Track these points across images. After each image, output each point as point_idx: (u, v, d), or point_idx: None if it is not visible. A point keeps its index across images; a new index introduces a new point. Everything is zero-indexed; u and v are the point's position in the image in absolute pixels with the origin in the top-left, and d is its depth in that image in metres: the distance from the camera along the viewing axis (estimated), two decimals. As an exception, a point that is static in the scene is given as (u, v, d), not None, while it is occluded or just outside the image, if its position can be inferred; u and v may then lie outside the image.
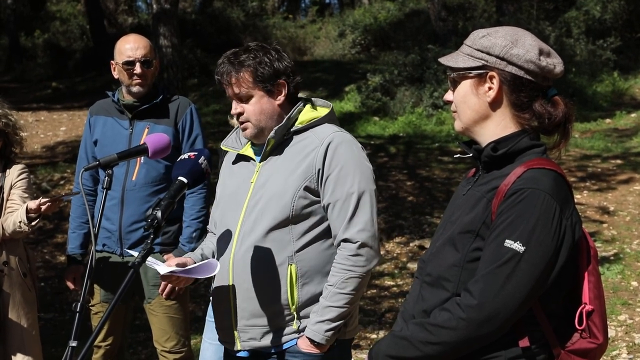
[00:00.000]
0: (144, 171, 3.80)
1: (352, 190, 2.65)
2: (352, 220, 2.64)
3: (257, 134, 2.75)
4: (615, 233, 7.62)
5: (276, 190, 2.67)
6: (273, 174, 2.71)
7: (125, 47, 3.84)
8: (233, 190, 2.80)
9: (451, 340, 1.94)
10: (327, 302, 2.63)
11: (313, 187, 2.67)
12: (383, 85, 13.36)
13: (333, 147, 2.66)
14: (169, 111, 3.87)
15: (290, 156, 2.72)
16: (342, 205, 2.64)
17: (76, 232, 4.02)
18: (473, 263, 1.98)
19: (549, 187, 1.93)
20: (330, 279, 2.65)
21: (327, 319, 2.63)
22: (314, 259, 2.68)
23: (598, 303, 2.01)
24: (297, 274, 2.66)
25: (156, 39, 11.14)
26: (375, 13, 20.52)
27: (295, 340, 2.69)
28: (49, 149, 11.59)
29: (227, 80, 2.71)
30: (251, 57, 2.68)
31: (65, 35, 22.34)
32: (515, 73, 2.02)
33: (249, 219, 2.69)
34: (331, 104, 2.88)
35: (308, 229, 2.68)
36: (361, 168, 2.69)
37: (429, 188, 9.38)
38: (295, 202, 2.65)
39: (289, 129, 2.74)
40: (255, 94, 2.71)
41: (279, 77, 2.71)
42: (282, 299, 2.67)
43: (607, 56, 14.38)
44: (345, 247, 2.65)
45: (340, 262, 2.64)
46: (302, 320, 2.69)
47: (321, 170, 2.66)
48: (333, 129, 2.74)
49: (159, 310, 3.89)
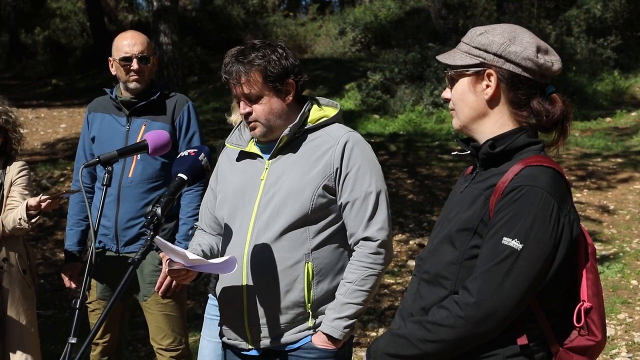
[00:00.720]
0: (141, 168, 3.79)
1: (370, 190, 2.68)
2: (372, 219, 2.67)
3: (266, 133, 2.73)
4: (615, 232, 7.62)
5: (292, 188, 2.66)
6: (286, 172, 2.70)
7: (123, 43, 3.84)
8: (239, 188, 2.77)
9: (449, 338, 1.94)
10: (345, 299, 2.65)
11: (331, 185, 2.68)
12: (383, 84, 13.36)
13: (350, 146, 2.68)
14: (166, 108, 3.86)
15: (303, 154, 2.71)
16: (362, 204, 2.67)
17: (74, 229, 4.02)
18: (471, 261, 1.98)
19: (547, 184, 1.92)
20: (348, 276, 2.67)
21: (345, 315, 2.65)
22: (329, 257, 2.70)
23: (596, 300, 2.01)
24: (313, 271, 2.67)
25: (156, 36, 11.13)
26: (376, 11, 20.52)
27: (309, 337, 2.70)
28: (48, 146, 11.59)
29: (236, 80, 2.67)
30: (260, 56, 2.65)
31: (66, 33, 22.34)
32: (513, 70, 2.02)
33: (263, 216, 2.68)
34: (338, 103, 2.89)
35: (324, 227, 2.69)
36: (376, 168, 2.73)
37: (429, 186, 9.38)
38: (314, 201, 2.65)
39: (300, 128, 2.74)
40: (265, 94, 2.68)
41: (287, 77, 2.69)
42: (298, 297, 2.67)
43: (608, 55, 14.38)
44: (365, 245, 2.67)
45: (360, 260, 2.67)
46: (317, 317, 2.70)
47: (339, 169, 2.67)
48: (346, 129, 2.76)
49: (154, 308, 3.88)
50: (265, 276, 2.66)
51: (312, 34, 21.73)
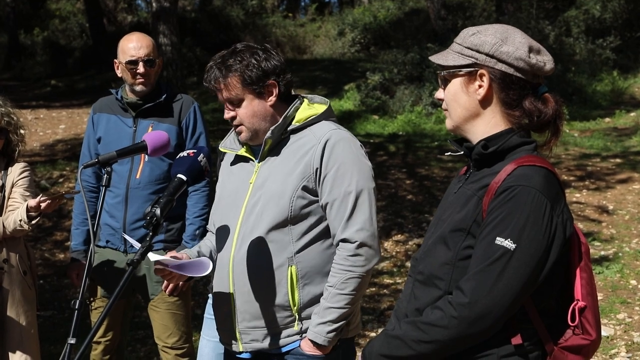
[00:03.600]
0: (148, 169, 3.81)
1: (350, 189, 2.61)
2: (350, 220, 2.61)
3: (252, 137, 2.73)
4: (615, 232, 7.62)
5: (275, 190, 2.64)
6: (271, 174, 2.68)
7: (129, 46, 3.84)
8: (232, 191, 2.78)
9: (443, 338, 1.94)
10: (327, 303, 2.60)
11: (311, 186, 2.64)
12: (382, 84, 13.37)
13: (330, 145, 2.63)
14: (173, 110, 3.89)
15: (288, 156, 2.69)
16: (340, 204, 2.61)
17: (79, 229, 4.03)
18: (465, 261, 1.98)
19: (540, 184, 1.92)
20: (330, 279, 2.62)
21: (328, 320, 2.60)
22: (314, 259, 2.66)
23: (590, 299, 2.01)
24: (297, 275, 2.63)
25: (156, 37, 11.14)
26: (375, 12, 20.54)
27: (298, 342, 2.67)
28: (48, 147, 11.59)
29: (215, 87, 2.69)
30: (238, 61, 2.66)
31: (65, 33, 22.33)
32: (505, 71, 2.02)
33: (249, 220, 2.67)
34: (328, 100, 2.84)
35: (307, 229, 2.65)
36: (359, 166, 2.65)
37: (428, 187, 9.39)
38: (293, 203, 2.62)
39: (286, 128, 2.71)
40: (246, 97, 2.68)
41: (268, 78, 2.67)
42: (283, 301, 2.65)
43: (607, 55, 14.40)
44: (343, 247, 2.62)
45: (339, 263, 2.61)
46: (304, 321, 2.67)
47: (319, 169, 2.63)
48: (330, 126, 2.71)
49: (161, 307, 3.90)
50: (250, 280, 2.65)
51: (311, 34, 21.74)
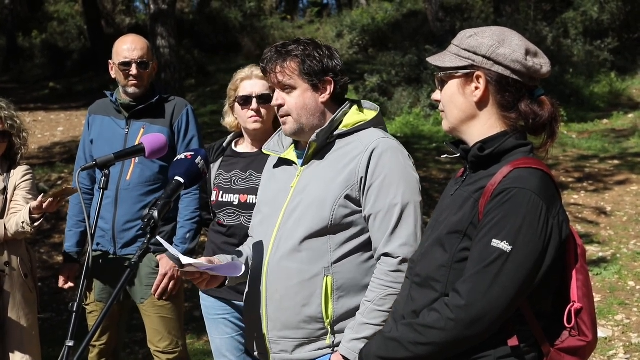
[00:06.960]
0: (139, 171, 3.81)
1: (395, 202, 2.48)
2: (393, 234, 2.47)
3: (297, 131, 2.61)
4: (612, 233, 7.63)
5: (316, 196, 2.53)
6: (313, 179, 2.57)
7: (123, 47, 3.86)
8: (273, 195, 2.68)
9: (440, 340, 1.94)
10: (364, 319, 2.46)
11: (355, 196, 2.51)
12: (381, 86, 13.38)
13: (377, 154, 2.51)
14: (165, 111, 3.88)
15: (332, 161, 2.57)
16: (384, 217, 2.48)
17: (73, 231, 4.03)
18: (461, 263, 1.99)
19: (535, 186, 1.93)
20: (368, 294, 2.48)
21: (363, 336, 2.43)
22: (352, 272, 2.52)
23: (587, 301, 2.01)
24: (332, 286, 2.50)
25: (154, 39, 11.14)
26: (373, 14, 20.55)
27: (328, 357, 2.53)
28: (46, 149, 11.58)
29: (271, 68, 2.58)
30: (300, 49, 2.57)
31: (63, 36, 22.31)
32: (502, 73, 2.03)
33: (287, 224, 2.56)
34: (378, 107, 2.74)
35: (347, 239, 2.52)
36: (406, 178, 2.52)
37: (426, 188, 9.39)
38: (335, 211, 2.50)
39: (332, 132, 2.60)
40: (300, 86, 2.58)
41: (326, 74, 2.59)
42: (315, 312, 2.51)
43: (605, 57, 14.42)
44: (385, 262, 2.48)
45: (380, 278, 2.47)
46: (336, 335, 2.53)
47: (364, 179, 2.50)
48: (379, 134, 2.58)
49: (151, 311, 3.88)
50: (283, 287, 2.53)
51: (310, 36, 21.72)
